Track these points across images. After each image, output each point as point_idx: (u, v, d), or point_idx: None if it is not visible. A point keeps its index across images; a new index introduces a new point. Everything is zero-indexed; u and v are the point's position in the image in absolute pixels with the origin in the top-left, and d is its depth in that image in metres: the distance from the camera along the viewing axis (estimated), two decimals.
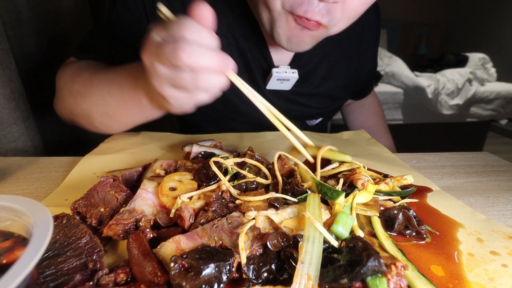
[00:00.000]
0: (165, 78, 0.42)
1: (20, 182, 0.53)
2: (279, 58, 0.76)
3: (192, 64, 0.38)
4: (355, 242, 0.31)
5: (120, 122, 0.62)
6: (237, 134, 0.77)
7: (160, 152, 0.65)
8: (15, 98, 0.78)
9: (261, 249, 0.33)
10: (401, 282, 0.29)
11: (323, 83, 0.83)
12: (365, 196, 0.42)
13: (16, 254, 0.27)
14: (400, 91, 2.93)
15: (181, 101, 0.45)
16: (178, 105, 0.46)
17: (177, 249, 0.32)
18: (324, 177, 0.51)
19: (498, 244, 0.39)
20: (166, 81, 0.42)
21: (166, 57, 0.39)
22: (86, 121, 0.64)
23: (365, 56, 0.87)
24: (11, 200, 0.30)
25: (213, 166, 0.43)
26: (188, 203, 0.39)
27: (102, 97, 0.59)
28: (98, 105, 0.60)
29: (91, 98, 0.61)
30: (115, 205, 0.41)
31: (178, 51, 0.38)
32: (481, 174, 0.60)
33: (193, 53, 0.38)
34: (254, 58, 0.74)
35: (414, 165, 0.64)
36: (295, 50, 0.63)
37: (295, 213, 0.39)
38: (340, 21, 0.57)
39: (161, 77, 0.42)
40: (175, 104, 0.46)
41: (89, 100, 0.61)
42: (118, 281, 0.30)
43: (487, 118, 3.14)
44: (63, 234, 0.34)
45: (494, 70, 3.30)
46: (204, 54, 0.38)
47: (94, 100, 0.60)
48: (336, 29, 0.60)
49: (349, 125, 1.06)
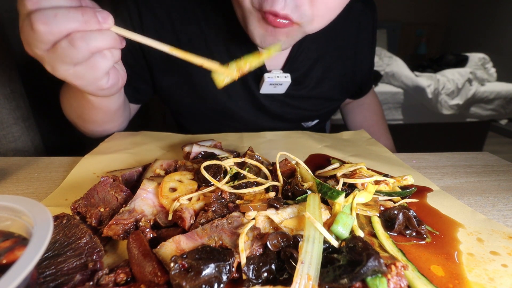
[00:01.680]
0: (51, 59, 0.41)
1: (20, 182, 0.53)
2: (271, 62, 0.76)
3: (55, 29, 0.37)
4: (355, 242, 0.31)
5: (92, 120, 0.69)
6: (237, 134, 0.77)
7: (160, 152, 0.65)
8: (15, 98, 0.78)
9: (261, 249, 0.33)
10: (401, 282, 0.29)
11: (319, 85, 0.82)
12: (365, 196, 0.42)
13: (16, 254, 0.27)
14: (400, 91, 2.93)
15: (85, 76, 0.43)
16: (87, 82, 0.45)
17: (177, 249, 0.32)
18: (324, 177, 0.51)
19: (498, 244, 0.39)
20: (55, 61, 0.41)
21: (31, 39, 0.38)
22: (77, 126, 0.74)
23: (362, 56, 0.87)
24: (11, 200, 0.30)
25: (203, 172, 0.42)
26: (187, 205, 0.39)
27: (70, 103, 0.68)
28: (72, 110, 0.69)
29: (66, 106, 0.71)
30: (115, 205, 0.41)
31: (34, 25, 0.36)
32: (481, 174, 0.60)
33: (49, 18, 0.36)
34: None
35: (414, 165, 0.64)
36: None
37: (295, 213, 0.39)
38: (314, 18, 0.55)
39: (48, 61, 0.41)
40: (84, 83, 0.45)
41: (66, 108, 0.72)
42: (118, 281, 0.30)
43: (487, 118, 3.14)
44: (63, 234, 0.34)
45: (494, 70, 3.30)
46: (63, 16, 0.37)
47: (67, 107, 0.70)
48: (312, 28, 0.57)
49: (348, 124, 1.06)
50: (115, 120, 0.71)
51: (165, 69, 0.75)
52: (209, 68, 0.46)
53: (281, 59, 0.77)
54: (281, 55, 0.76)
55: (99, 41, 0.40)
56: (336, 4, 0.55)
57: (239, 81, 0.76)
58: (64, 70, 0.43)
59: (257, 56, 0.49)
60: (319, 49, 0.79)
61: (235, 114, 0.81)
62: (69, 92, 0.66)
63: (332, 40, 0.80)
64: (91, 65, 0.43)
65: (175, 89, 0.78)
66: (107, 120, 0.69)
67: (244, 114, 0.81)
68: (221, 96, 0.77)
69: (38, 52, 0.41)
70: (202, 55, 0.77)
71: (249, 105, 0.80)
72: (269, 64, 0.76)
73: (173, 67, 0.74)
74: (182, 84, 0.76)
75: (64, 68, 0.42)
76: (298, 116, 0.86)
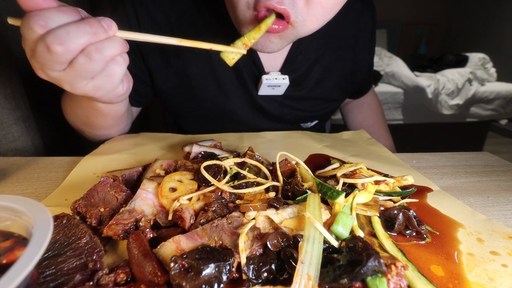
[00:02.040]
0: (70, 77, 0.41)
1: (20, 182, 0.53)
2: (269, 63, 0.76)
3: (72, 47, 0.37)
4: (355, 242, 0.31)
5: (99, 127, 0.69)
6: (237, 134, 0.77)
7: (160, 152, 0.65)
8: (15, 98, 0.78)
9: (261, 249, 0.33)
10: (401, 282, 0.29)
11: (317, 86, 0.82)
12: (365, 196, 0.42)
13: (16, 254, 0.27)
14: (400, 91, 2.93)
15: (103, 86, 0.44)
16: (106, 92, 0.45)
17: (177, 249, 0.32)
18: (324, 177, 0.51)
19: (498, 244, 0.39)
20: (74, 79, 0.41)
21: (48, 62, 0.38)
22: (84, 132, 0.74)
23: (361, 56, 0.86)
24: (11, 200, 0.30)
25: (203, 172, 0.42)
26: (187, 205, 0.39)
27: (74, 111, 0.68)
28: (77, 118, 0.69)
29: (70, 114, 0.71)
30: (115, 205, 0.41)
31: (51, 48, 0.36)
32: (481, 174, 0.60)
33: (63, 37, 0.36)
34: (245, 65, 0.74)
35: (414, 165, 0.64)
36: (264, 51, 0.61)
37: (295, 213, 0.39)
38: (308, 18, 0.54)
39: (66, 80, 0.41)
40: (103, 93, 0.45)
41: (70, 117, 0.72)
42: (118, 281, 0.30)
43: (487, 118, 3.14)
44: (63, 234, 0.34)
45: (494, 70, 3.30)
46: (75, 32, 0.37)
47: (71, 115, 0.70)
48: (305, 29, 0.57)
49: (348, 124, 1.06)
50: (121, 123, 0.71)
51: (164, 72, 0.75)
52: (218, 49, 0.48)
53: (279, 60, 0.77)
54: (279, 56, 0.76)
55: (111, 49, 0.40)
56: (331, 4, 0.54)
57: (237, 83, 0.76)
58: (83, 85, 0.43)
59: (257, 30, 0.51)
60: (318, 49, 0.79)
61: (234, 116, 0.81)
62: (72, 101, 0.66)
63: (331, 41, 0.80)
64: (108, 74, 0.43)
65: (174, 91, 0.78)
66: (115, 124, 0.69)
67: (243, 115, 0.81)
68: (220, 98, 0.78)
69: (54, 74, 0.41)
70: (200, 57, 0.78)
71: (247, 106, 0.80)
72: (267, 66, 0.76)
73: (172, 70, 0.74)
74: (181, 86, 0.76)
75: (83, 83, 0.42)
76: (297, 117, 0.86)
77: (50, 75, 0.41)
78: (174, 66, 0.74)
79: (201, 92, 0.77)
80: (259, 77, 0.75)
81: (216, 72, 0.75)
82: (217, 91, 0.77)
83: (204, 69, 0.74)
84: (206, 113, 0.81)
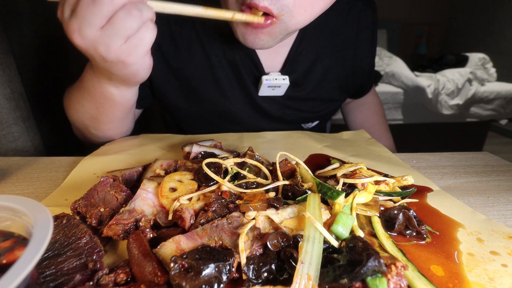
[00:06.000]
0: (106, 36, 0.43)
1: (20, 182, 0.53)
2: (269, 64, 0.76)
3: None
4: (355, 242, 0.31)
5: (107, 120, 0.66)
6: (237, 134, 0.77)
7: (160, 152, 0.65)
8: (15, 98, 0.78)
9: (261, 249, 0.33)
10: (401, 282, 0.29)
11: (318, 86, 0.82)
12: (365, 196, 0.42)
13: (16, 254, 0.27)
14: (400, 91, 2.93)
15: (136, 49, 0.46)
16: (137, 58, 0.47)
17: (177, 249, 0.32)
18: (324, 177, 0.51)
19: (498, 244, 0.39)
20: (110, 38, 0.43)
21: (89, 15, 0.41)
22: (87, 132, 0.70)
23: (362, 56, 0.86)
24: (11, 200, 0.30)
25: (205, 169, 0.42)
26: (187, 205, 0.39)
27: (81, 105, 0.65)
28: (83, 112, 0.66)
29: (75, 109, 0.67)
30: (115, 205, 0.41)
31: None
32: (481, 174, 0.60)
33: None
34: (245, 66, 0.74)
35: (414, 165, 0.64)
36: (255, 47, 0.61)
37: (295, 213, 0.39)
38: (294, 9, 0.54)
39: (102, 40, 0.43)
40: (134, 59, 0.47)
41: (76, 113, 0.68)
42: (118, 281, 0.30)
43: (487, 118, 3.14)
44: (63, 234, 0.34)
45: (494, 70, 3.30)
46: None
47: (77, 110, 0.67)
48: (294, 22, 0.56)
49: (349, 123, 1.06)
50: (125, 122, 0.71)
51: (163, 74, 0.74)
52: (240, 20, 0.52)
53: (279, 61, 0.77)
54: (279, 56, 0.76)
55: (147, 11, 0.43)
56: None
57: (237, 84, 0.76)
58: (118, 47, 0.44)
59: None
60: (318, 49, 0.78)
61: (234, 117, 0.80)
62: (81, 92, 0.64)
63: (332, 41, 0.80)
64: (140, 37, 0.45)
65: (174, 93, 0.77)
66: (122, 118, 0.68)
67: (243, 116, 0.81)
68: (220, 100, 0.77)
69: (92, 34, 0.43)
70: (200, 59, 0.78)
71: (248, 107, 0.80)
72: (267, 66, 0.75)
73: (171, 72, 0.74)
74: (180, 88, 0.76)
75: (118, 44, 0.44)
76: (297, 117, 0.86)
77: (88, 35, 0.43)
78: (173, 68, 0.74)
79: (200, 93, 0.76)
80: (259, 77, 0.75)
81: (215, 73, 0.74)
82: (216, 93, 0.77)
83: (203, 70, 0.74)
84: (207, 115, 0.81)
